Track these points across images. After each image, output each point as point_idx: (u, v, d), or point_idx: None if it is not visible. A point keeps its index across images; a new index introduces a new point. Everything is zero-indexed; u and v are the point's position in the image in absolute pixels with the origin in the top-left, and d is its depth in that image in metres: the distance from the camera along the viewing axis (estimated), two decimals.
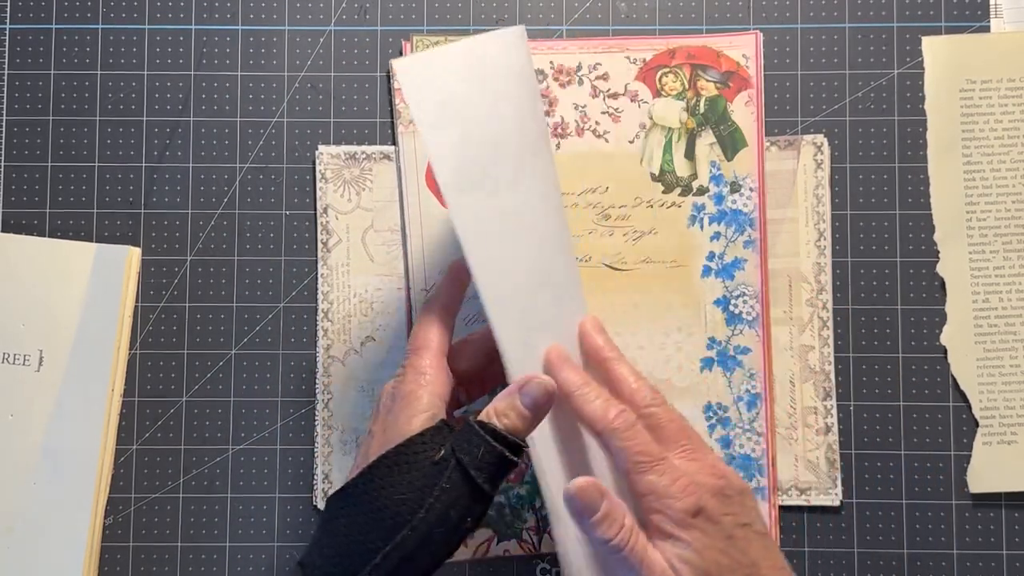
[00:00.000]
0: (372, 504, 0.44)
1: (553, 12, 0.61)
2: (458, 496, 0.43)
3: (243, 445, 0.59)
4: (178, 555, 0.59)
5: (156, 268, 0.60)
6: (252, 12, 0.61)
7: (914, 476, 0.58)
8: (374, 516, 0.43)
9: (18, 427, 0.58)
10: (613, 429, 0.46)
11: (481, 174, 0.48)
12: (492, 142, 0.48)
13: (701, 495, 0.45)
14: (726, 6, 0.60)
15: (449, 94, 0.48)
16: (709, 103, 0.58)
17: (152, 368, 0.59)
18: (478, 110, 0.48)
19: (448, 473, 0.43)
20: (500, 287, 0.48)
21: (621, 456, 0.45)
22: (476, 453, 0.44)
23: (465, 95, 0.48)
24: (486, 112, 0.49)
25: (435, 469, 0.43)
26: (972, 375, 0.58)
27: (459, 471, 0.43)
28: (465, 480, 0.43)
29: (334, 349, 0.59)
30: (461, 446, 0.44)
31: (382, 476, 0.44)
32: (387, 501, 0.43)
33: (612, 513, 0.44)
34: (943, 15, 0.60)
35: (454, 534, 0.44)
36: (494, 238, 0.48)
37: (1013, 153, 0.59)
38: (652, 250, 0.58)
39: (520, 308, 0.48)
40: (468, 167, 0.48)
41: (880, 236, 0.59)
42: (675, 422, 0.47)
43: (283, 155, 0.60)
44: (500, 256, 0.48)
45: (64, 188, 0.60)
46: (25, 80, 0.60)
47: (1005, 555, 0.58)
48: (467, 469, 0.43)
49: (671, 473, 0.45)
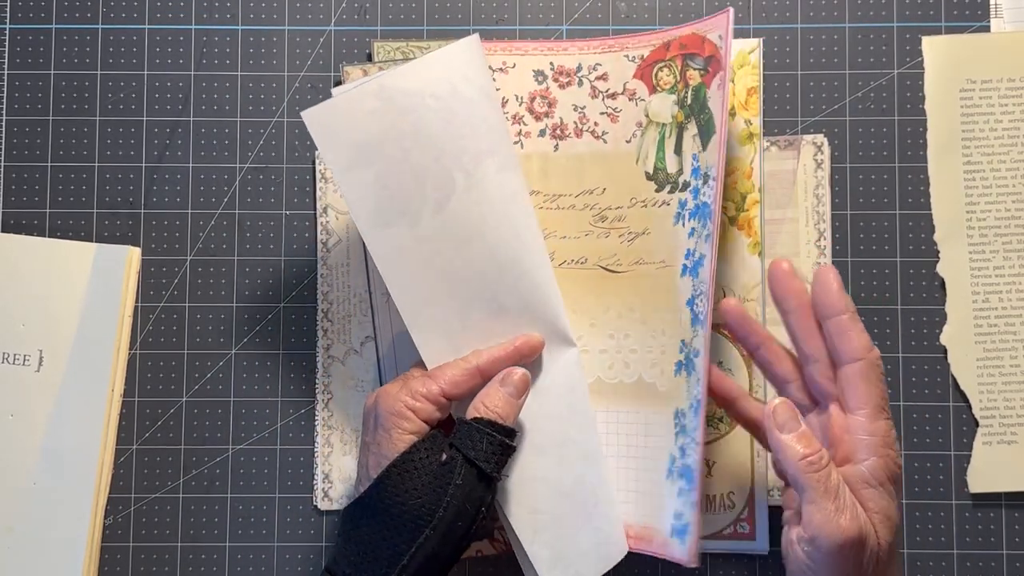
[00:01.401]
0: (390, 511, 0.47)
1: (553, 12, 0.61)
2: (471, 489, 0.48)
3: (243, 445, 0.59)
4: (178, 555, 0.59)
5: (156, 268, 0.60)
6: (252, 12, 0.61)
7: (914, 476, 0.58)
8: (394, 522, 0.47)
9: (18, 427, 0.58)
10: (875, 364, 0.46)
11: (400, 209, 0.51)
12: (412, 174, 0.50)
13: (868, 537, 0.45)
14: (726, 5, 0.60)
15: (361, 136, 0.50)
16: (694, 92, 0.56)
17: (152, 368, 0.59)
18: (393, 146, 0.50)
19: (459, 470, 0.48)
20: (424, 314, 0.52)
21: (871, 392, 0.46)
22: (481, 446, 0.48)
23: (379, 134, 0.50)
24: (403, 146, 0.50)
25: (444, 469, 0.48)
26: (972, 375, 0.58)
27: (468, 466, 0.48)
28: (475, 473, 0.48)
29: (334, 349, 0.59)
30: (464, 443, 0.48)
31: (394, 484, 0.47)
32: (404, 507, 0.47)
33: (808, 433, 0.46)
34: (943, 15, 0.60)
35: (471, 524, 0.48)
36: (416, 266, 0.51)
37: (1013, 153, 0.59)
38: (644, 251, 0.57)
39: (448, 328, 0.52)
40: (385, 205, 0.50)
41: (880, 236, 0.59)
42: None
43: (283, 155, 0.60)
44: (422, 282, 0.51)
45: (64, 188, 0.60)
46: (25, 80, 0.60)
47: (1005, 555, 0.58)
48: (475, 462, 0.48)
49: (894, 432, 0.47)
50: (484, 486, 0.48)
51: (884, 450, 0.45)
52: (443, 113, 0.51)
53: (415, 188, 0.51)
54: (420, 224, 0.51)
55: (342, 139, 0.50)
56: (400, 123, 0.50)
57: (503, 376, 0.51)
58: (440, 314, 0.52)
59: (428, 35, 0.60)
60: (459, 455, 0.48)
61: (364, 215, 0.50)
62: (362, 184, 0.50)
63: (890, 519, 0.45)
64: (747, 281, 0.58)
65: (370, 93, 0.50)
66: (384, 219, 0.50)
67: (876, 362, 0.47)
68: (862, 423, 0.46)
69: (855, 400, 0.46)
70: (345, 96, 0.50)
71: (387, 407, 0.49)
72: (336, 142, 0.50)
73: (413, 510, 0.47)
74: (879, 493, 0.45)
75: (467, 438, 0.48)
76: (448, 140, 0.51)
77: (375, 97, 0.50)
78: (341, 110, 0.50)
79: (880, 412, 0.46)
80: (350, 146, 0.50)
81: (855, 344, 0.46)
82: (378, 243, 0.51)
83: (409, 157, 0.50)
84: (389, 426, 0.49)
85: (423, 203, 0.51)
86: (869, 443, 0.45)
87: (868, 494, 0.45)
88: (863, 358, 0.46)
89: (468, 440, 0.48)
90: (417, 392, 0.50)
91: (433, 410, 0.50)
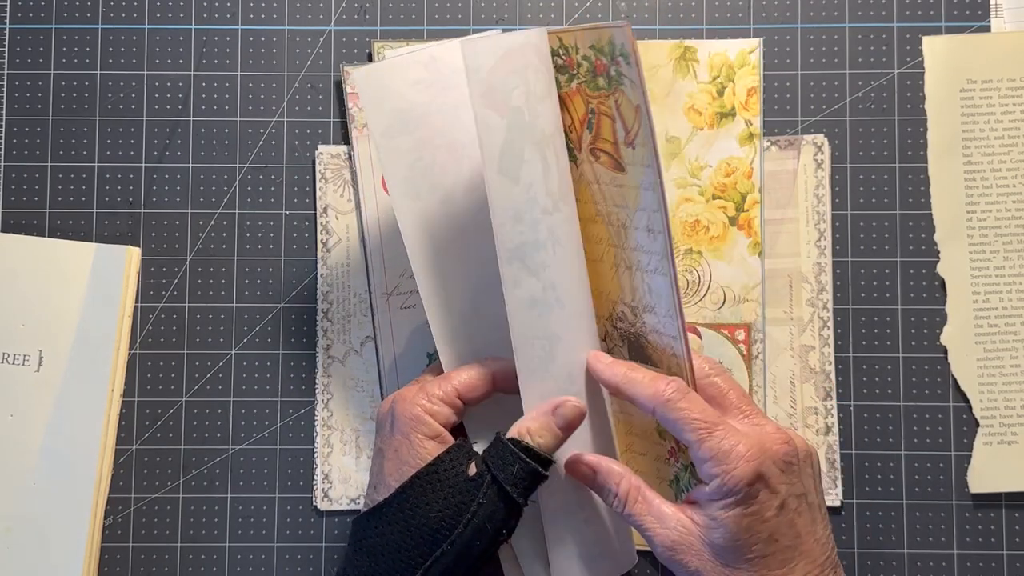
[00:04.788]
0: (409, 522, 0.46)
1: (553, 12, 0.61)
2: (494, 510, 0.45)
3: (243, 445, 0.59)
4: (178, 555, 0.59)
5: (156, 268, 0.60)
6: (252, 12, 0.61)
7: (914, 476, 0.58)
8: (412, 533, 0.45)
9: (18, 427, 0.58)
10: (667, 401, 0.45)
11: (433, 183, 0.49)
12: (449, 149, 0.50)
13: (764, 461, 0.44)
14: (726, 6, 0.60)
15: (405, 103, 0.49)
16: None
17: (152, 368, 0.59)
18: (435, 119, 0.50)
19: (484, 489, 0.45)
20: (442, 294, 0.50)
21: (679, 428, 0.45)
22: (511, 470, 0.46)
23: (422, 105, 0.49)
24: (443, 121, 0.50)
25: (470, 485, 0.46)
26: (972, 375, 0.58)
27: (495, 487, 0.46)
28: (500, 495, 0.46)
29: (334, 349, 0.59)
30: (495, 463, 0.46)
31: (417, 495, 0.46)
32: (424, 519, 0.45)
33: (606, 484, 0.47)
34: (943, 15, 0.60)
35: (491, 546, 0.46)
36: (441, 243, 0.50)
37: (1013, 153, 0.59)
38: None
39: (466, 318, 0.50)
40: (418, 177, 0.49)
41: (880, 236, 0.59)
42: (735, 390, 0.48)
43: (283, 155, 0.60)
44: (444, 261, 0.50)
45: (64, 188, 0.60)
46: (25, 80, 0.60)
47: (1005, 555, 0.58)
48: (503, 485, 0.45)
49: (732, 437, 0.44)
50: (506, 509, 0.46)
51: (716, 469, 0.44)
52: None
53: (452, 164, 0.50)
54: (452, 201, 0.50)
55: (385, 104, 0.49)
56: (444, 97, 0.50)
57: (557, 404, 0.47)
58: (457, 296, 0.50)
59: (428, 35, 0.60)
60: (488, 473, 0.46)
61: (396, 183, 0.50)
62: (398, 151, 0.49)
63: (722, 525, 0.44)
64: (747, 282, 0.58)
65: (419, 62, 0.50)
66: (415, 190, 0.50)
67: (667, 399, 0.46)
68: (691, 453, 0.46)
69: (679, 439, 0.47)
70: (393, 61, 0.50)
71: (404, 411, 0.48)
72: (380, 106, 0.49)
73: (433, 523, 0.45)
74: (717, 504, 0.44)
75: (499, 458, 0.46)
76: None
77: (424, 67, 0.50)
78: (388, 74, 0.49)
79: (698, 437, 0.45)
80: (392, 112, 0.49)
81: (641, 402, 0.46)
82: (406, 213, 0.50)
83: (448, 133, 0.50)
84: (408, 431, 0.47)
85: (456, 180, 0.50)
86: (703, 469, 0.45)
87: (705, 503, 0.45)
88: (655, 408, 0.46)
89: (500, 460, 0.46)
90: (434, 395, 0.48)
91: (450, 413, 0.48)
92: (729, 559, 0.44)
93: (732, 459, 0.44)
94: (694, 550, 0.45)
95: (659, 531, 0.45)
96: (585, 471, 0.48)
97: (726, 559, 0.44)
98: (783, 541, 0.45)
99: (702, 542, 0.45)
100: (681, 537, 0.45)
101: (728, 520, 0.44)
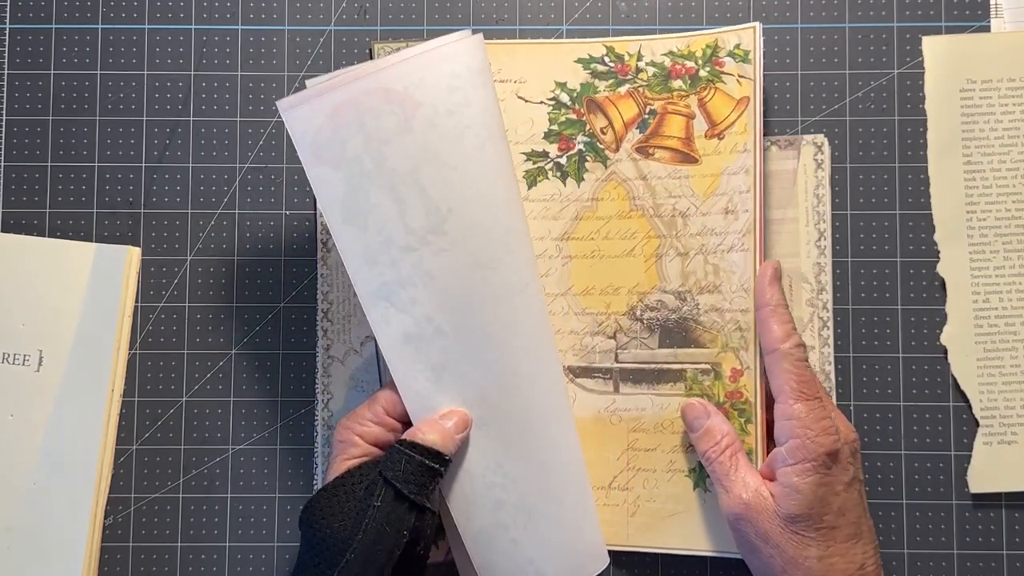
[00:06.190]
0: (317, 534, 0.47)
1: (553, 12, 0.61)
2: (391, 511, 0.47)
3: (243, 445, 0.59)
4: (178, 555, 0.59)
5: (156, 268, 0.60)
6: (252, 12, 0.61)
7: (914, 476, 0.58)
8: (320, 545, 0.47)
9: (18, 427, 0.58)
10: (788, 353, 0.51)
11: (363, 211, 0.48)
12: (372, 181, 0.48)
13: (840, 440, 0.49)
14: (726, 5, 0.60)
15: (328, 135, 0.48)
16: None
17: (152, 368, 0.59)
18: (357, 151, 0.48)
19: (378, 491, 0.47)
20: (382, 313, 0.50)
21: (785, 378, 0.50)
22: (399, 467, 0.48)
23: (343, 138, 0.48)
24: (379, 151, 0.48)
25: (366, 493, 0.48)
26: (972, 375, 0.58)
27: (387, 487, 0.47)
28: (397, 496, 0.47)
29: (334, 349, 0.59)
30: (387, 466, 0.48)
31: (322, 508, 0.48)
32: (328, 530, 0.47)
33: (712, 429, 0.53)
34: (943, 15, 0.60)
35: (395, 547, 0.47)
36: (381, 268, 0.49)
37: (1013, 153, 0.59)
38: None
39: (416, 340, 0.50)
40: (349, 204, 0.48)
41: (880, 236, 0.59)
42: (816, 378, 0.52)
43: (283, 155, 0.60)
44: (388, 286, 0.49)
45: (64, 188, 0.60)
46: (25, 80, 0.60)
47: (1005, 555, 0.58)
48: (393, 483, 0.47)
49: (820, 411, 0.50)
50: (407, 508, 0.47)
51: (802, 431, 0.49)
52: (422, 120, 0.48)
53: (371, 193, 0.48)
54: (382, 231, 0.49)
55: (311, 133, 0.48)
56: (366, 131, 0.48)
57: (444, 413, 0.50)
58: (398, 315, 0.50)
59: (428, 35, 0.60)
60: (380, 477, 0.48)
61: (329, 211, 0.49)
62: (327, 181, 0.48)
63: (799, 492, 0.48)
64: None
65: (342, 97, 0.48)
66: (349, 216, 0.49)
67: (790, 351, 0.51)
68: (782, 408, 0.50)
69: (773, 388, 0.51)
70: (321, 96, 0.48)
71: (336, 436, 0.51)
72: (306, 135, 0.48)
73: (336, 534, 0.47)
74: (794, 470, 0.49)
75: (390, 461, 0.48)
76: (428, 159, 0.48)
77: (328, 118, 0.48)
78: (313, 105, 0.48)
79: (797, 396, 0.50)
80: (317, 143, 0.48)
81: (768, 337, 0.52)
82: (343, 239, 0.49)
83: (384, 165, 0.48)
84: (336, 454, 0.50)
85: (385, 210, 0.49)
86: (788, 426, 0.50)
87: (782, 471, 0.49)
88: (776, 349, 0.51)
89: (390, 462, 0.48)
90: (364, 416, 0.50)
91: (380, 431, 0.50)
92: (800, 527, 0.49)
93: (818, 428, 0.49)
94: (767, 514, 0.49)
95: (737, 489, 0.50)
96: (700, 410, 0.53)
97: (797, 527, 0.49)
98: (849, 516, 0.49)
99: (775, 510, 0.49)
100: (756, 501, 0.50)
101: (806, 487, 0.48)
